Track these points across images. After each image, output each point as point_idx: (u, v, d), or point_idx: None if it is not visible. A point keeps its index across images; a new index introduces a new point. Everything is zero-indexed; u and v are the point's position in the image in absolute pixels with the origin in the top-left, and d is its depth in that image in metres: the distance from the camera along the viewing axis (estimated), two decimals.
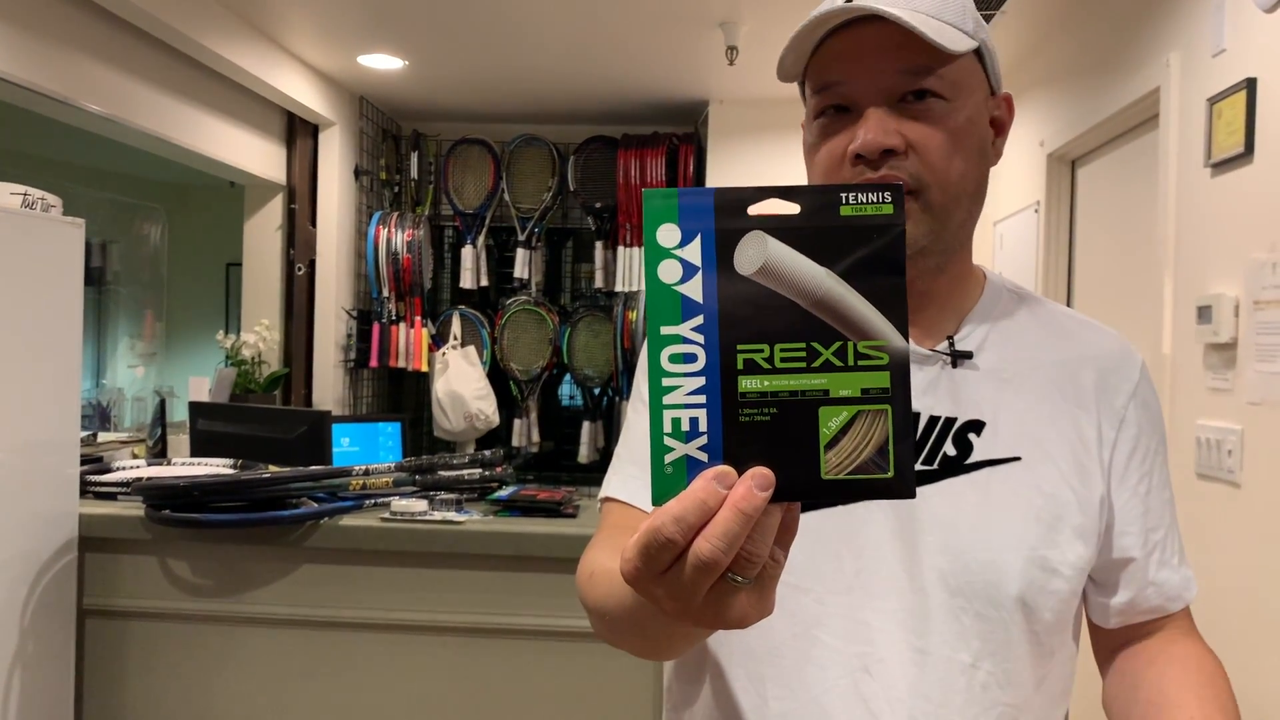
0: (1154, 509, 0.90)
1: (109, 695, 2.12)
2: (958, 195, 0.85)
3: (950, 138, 0.83)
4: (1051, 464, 0.87)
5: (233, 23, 3.47)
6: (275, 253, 4.35)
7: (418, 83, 4.33)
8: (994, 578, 0.84)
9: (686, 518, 0.49)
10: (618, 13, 3.38)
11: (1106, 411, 0.89)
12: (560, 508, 2.14)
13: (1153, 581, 0.90)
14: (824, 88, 0.85)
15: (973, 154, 0.86)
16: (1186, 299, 2.32)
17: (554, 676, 2.04)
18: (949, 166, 0.84)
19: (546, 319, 4.74)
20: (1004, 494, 0.85)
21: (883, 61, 0.82)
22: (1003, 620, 0.84)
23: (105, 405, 4.34)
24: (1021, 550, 0.84)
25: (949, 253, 0.88)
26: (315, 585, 2.07)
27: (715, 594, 0.51)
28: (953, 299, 0.91)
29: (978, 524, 0.84)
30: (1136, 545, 0.89)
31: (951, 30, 0.82)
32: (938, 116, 0.83)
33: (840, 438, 0.51)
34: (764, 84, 4.17)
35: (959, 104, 0.84)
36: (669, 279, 0.52)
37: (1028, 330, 0.92)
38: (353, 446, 3.52)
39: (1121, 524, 0.89)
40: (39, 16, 2.77)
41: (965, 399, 0.88)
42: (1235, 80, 2.12)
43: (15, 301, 1.89)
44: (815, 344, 0.52)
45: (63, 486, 2.04)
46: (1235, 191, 2.15)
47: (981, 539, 0.84)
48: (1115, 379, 0.91)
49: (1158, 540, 0.90)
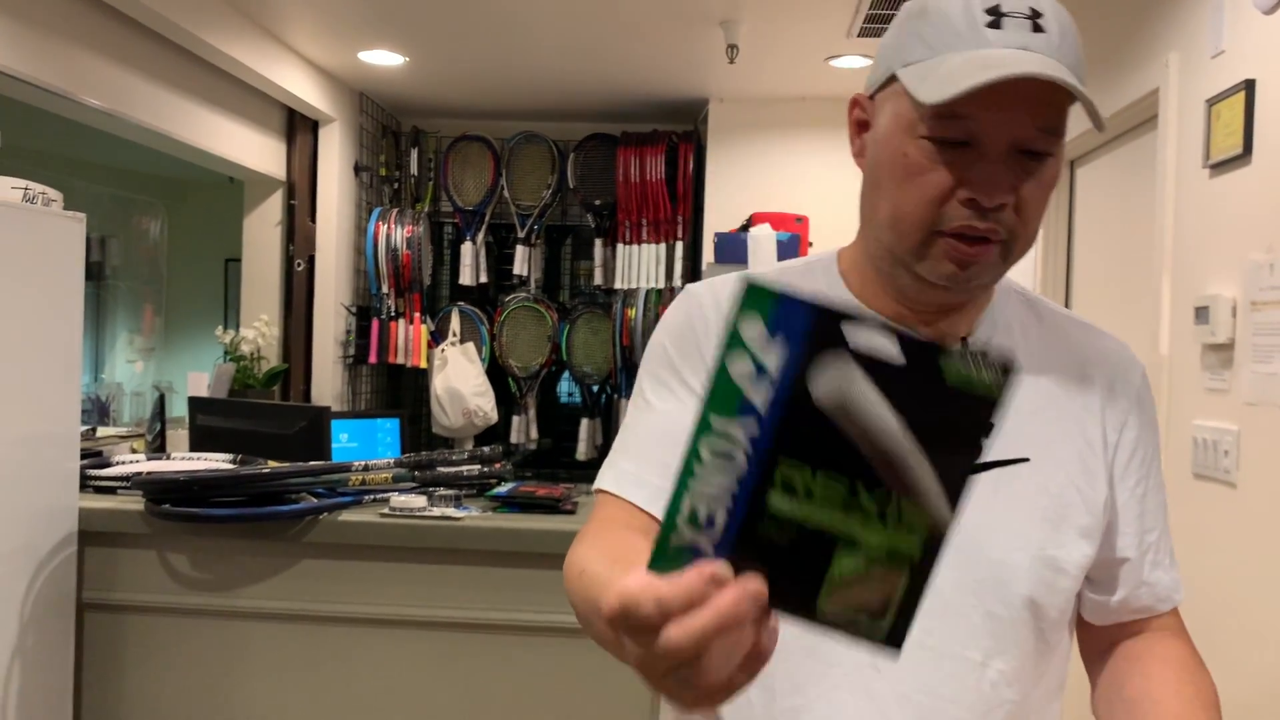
0: (1150, 511, 0.93)
1: (108, 689, 2.12)
2: (1030, 245, 0.87)
3: (1044, 194, 0.85)
4: (1058, 465, 0.89)
5: (233, 18, 3.47)
6: (275, 248, 4.35)
7: (418, 79, 4.33)
8: (1004, 577, 0.86)
9: (669, 604, 0.49)
10: (618, 10, 3.39)
11: (1111, 414, 0.92)
12: (559, 504, 2.15)
13: (1146, 581, 0.92)
14: (951, 116, 0.81)
15: (1046, 198, 0.86)
16: (1184, 299, 2.33)
17: (552, 672, 2.05)
18: (1036, 222, 0.86)
19: (545, 316, 4.75)
20: (1012, 494, 0.87)
21: (1024, 115, 0.80)
22: (1012, 619, 0.86)
23: (104, 400, 4.35)
24: (1029, 550, 0.86)
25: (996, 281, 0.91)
26: (314, 580, 2.07)
27: (673, 675, 0.52)
28: (970, 307, 0.93)
29: (987, 524, 0.85)
30: (1132, 545, 0.92)
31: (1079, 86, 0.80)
32: (1044, 171, 0.83)
33: (848, 584, 0.50)
34: (764, 82, 4.17)
35: (1056, 159, 0.84)
36: (737, 373, 0.49)
37: (1035, 333, 0.94)
38: (351, 442, 3.53)
39: (1120, 524, 0.91)
40: (40, 10, 2.77)
41: None
42: (1234, 81, 2.13)
43: (16, 296, 1.89)
44: (859, 484, 0.50)
45: (63, 480, 2.04)
46: (1233, 192, 2.15)
47: (991, 539, 0.85)
48: (1119, 383, 0.93)
49: (1152, 541, 0.92)
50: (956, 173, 0.82)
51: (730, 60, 3.59)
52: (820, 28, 3.49)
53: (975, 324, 0.93)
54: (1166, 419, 2.40)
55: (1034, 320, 0.95)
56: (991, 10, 0.81)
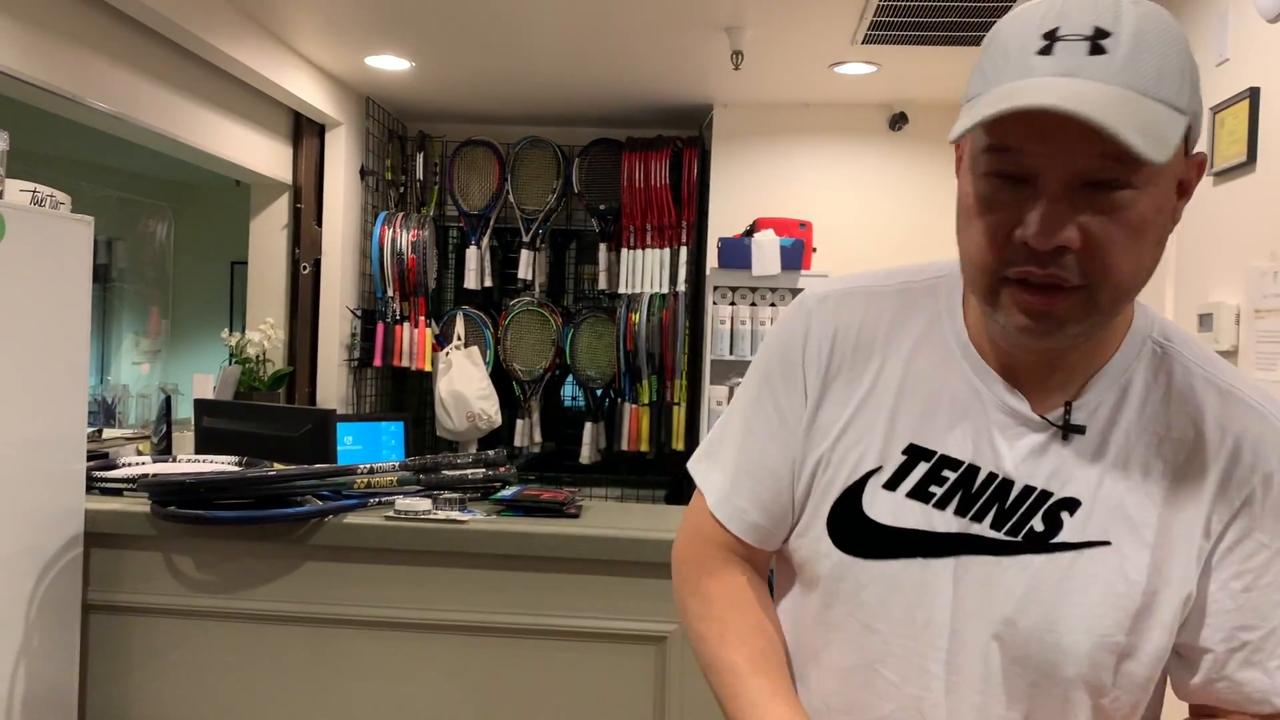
0: (1255, 609, 0.83)
1: (113, 690, 2.13)
2: (1129, 291, 0.78)
3: (1133, 232, 0.75)
4: (1145, 550, 0.82)
5: (241, 23, 3.48)
6: (280, 252, 4.37)
7: (424, 84, 4.35)
8: (1055, 658, 0.83)
9: None
10: (623, 17, 3.40)
11: (1222, 502, 0.82)
12: (563, 508, 2.15)
13: (1230, 678, 0.84)
14: (1002, 149, 0.75)
15: (1153, 244, 0.77)
16: (1188, 307, 2.33)
17: (556, 676, 2.05)
18: (1124, 264, 0.76)
19: (550, 320, 4.75)
20: (1085, 578, 0.83)
21: (1083, 142, 0.71)
22: (1061, 694, 0.84)
23: (110, 402, 4.36)
24: (1092, 636, 0.83)
25: (1101, 329, 0.82)
26: (319, 583, 2.08)
27: None
28: (1084, 359, 0.85)
29: (1050, 604, 0.83)
30: (1217, 639, 0.84)
31: (1165, 112, 0.73)
32: (1123, 207, 0.74)
33: None
34: (768, 88, 4.18)
35: (1149, 190, 0.75)
36: None
37: (1156, 398, 0.84)
38: (356, 445, 3.54)
39: (1204, 613, 0.84)
40: (48, 14, 2.78)
41: (1066, 474, 0.84)
42: (1238, 90, 2.13)
43: (24, 297, 1.90)
44: None
45: (69, 482, 2.05)
46: (1237, 200, 2.16)
47: (1050, 620, 0.83)
48: (1240, 469, 0.82)
49: (1249, 640, 0.83)
50: (1013, 212, 0.75)
51: (735, 66, 3.60)
52: (824, 34, 3.50)
53: (1091, 382, 0.85)
54: None
55: (1160, 380, 0.85)
56: (1049, 34, 0.74)
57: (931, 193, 4.29)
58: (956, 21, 3.25)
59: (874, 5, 3.12)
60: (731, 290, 4.28)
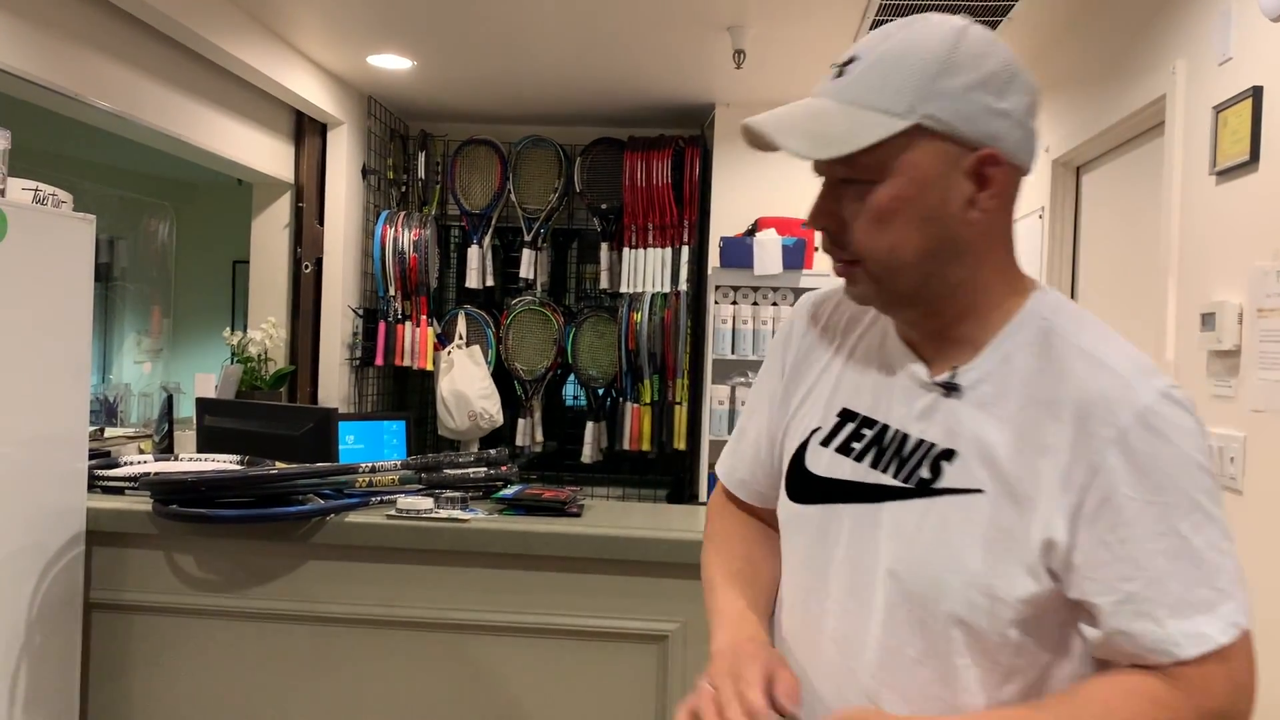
0: (1132, 559, 0.87)
1: (115, 689, 2.13)
2: (894, 265, 0.94)
3: (875, 217, 0.93)
4: (1012, 501, 0.91)
5: (243, 22, 3.48)
6: (282, 251, 4.37)
7: (426, 83, 4.35)
8: (933, 594, 0.93)
9: None
10: (625, 16, 3.40)
11: (1082, 458, 0.89)
12: (564, 506, 2.15)
13: (1124, 631, 0.88)
14: None
15: (911, 224, 0.92)
16: (1190, 306, 2.33)
17: (557, 674, 2.06)
18: (877, 242, 0.94)
19: (551, 319, 4.75)
20: (959, 521, 0.93)
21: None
22: (941, 631, 0.94)
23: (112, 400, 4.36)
24: (962, 574, 0.92)
25: (931, 302, 0.97)
26: (321, 581, 2.08)
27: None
28: (969, 333, 0.98)
29: (929, 544, 0.94)
30: (1100, 592, 0.88)
31: (872, 117, 0.90)
32: (862, 197, 0.93)
33: None
34: (770, 87, 4.18)
35: (891, 182, 0.92)
36: None
37: (1033, 366, 0.94)
38: (357, 444, 3.54)
39: (1085, 569, 0.89)
40: (51, 13, 2.79)
41: (949, 428, 0.96)
42: (1241, 88, 2.13)
43: (26, 296, 1.91)
44: None
45: (71, 480, 2.05)
46: (1240, 199, 2.16)
47: (928, 558, 0.94)
48: (1095, 424, 0.89)
49: (1133, 591, 0.87)
50: None
51: (737, 65, 3.60)
52: (826, 33, 3.50)
53: (980, 353, 0.97)
54: None
55: (1040, 352, 0.94)
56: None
57: None
58: None
59: (876, 4, 3.12)
60: (733, 290, 4.28)
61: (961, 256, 0.95)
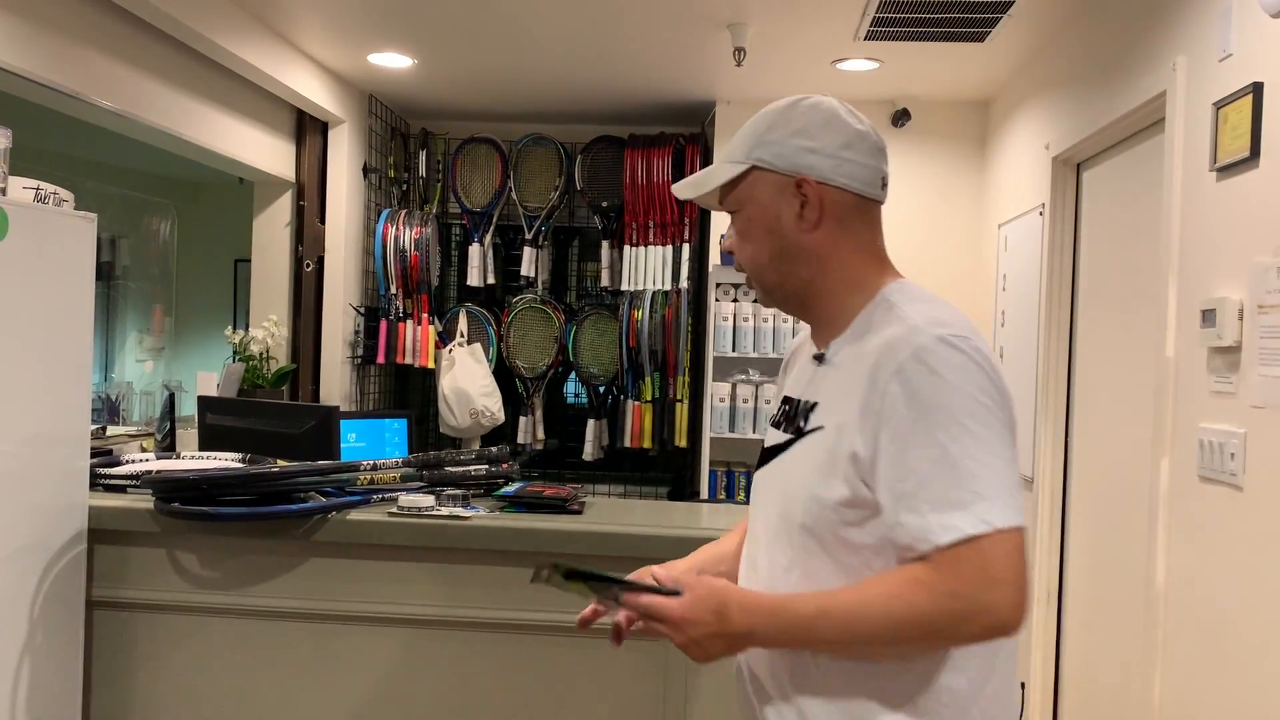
0: (905, 464, 1.11)
1: (116, 686, 2.14)
2: (757, 269, 1.30)
3: (741, 236, 1.30)
4: (838, 432, 1.18)
5: (244, 20, 3.49)
6: (284, 249, 4.37)
7: (427, 81, 4.35)
8: (790, 508, 1.22)
9: None
10: (626, 14, 3.40)
11: (874, 390, 1.14)
12: (566, 504, 2.16)
13: (900, 523, 1.11)
14: None
15: (759, 238, 1.28)
16: (1190, 302, 2.33)
17: (560, 670, 2.06)
18: (744, 253, 1.31)
19: (552, 317, 4.76)
20: (809, 452, 1.22)
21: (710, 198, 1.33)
22: (801, 541, 1.21)
23: (114, 399, 4.37)
24: (807, 488, 1.20)
25: (798, 296, 1.30)
26: (323, 579, 2.09)
27: None
28: (838, 319, 1.27)
29: (792, 471, 1.24)
30: (883, 492, 1.12)
31: (723, 167, 1.29)
32: (737, 224, 1.30)
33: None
34: (771, 85, 4.17)
35: (744, 211, 1.29)
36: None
37: (865, 333, 1.22)
38: (359, 442, 3.54)
39: (878, 476, 1.13)
40: (52, 12, 2.79)
41: (815, 388, 1.27)
42: (1241, 84, 2.13)
43: (28, 295, 1.91)
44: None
45: (73, 478, 2.06)
46: (1240, 195, 2.16)
47: (788, 483, 1.24)
48: (882, 362, 1.15)
49: (905, 490, 1.10)
50: None
51: (737, 63, 3.60)
52: (827, 31, 3.50)
53: (842, 332, 1.26)
54: (1171, 421, 2.40)
55: (875, 321, 1.22)
56: None
57: (934, 188, 4.29)
58: (959, 18, 3.25)
59: (876, 2, 3.12)
60: (734, 287, 4.27)
61: (805, 259, 1.26)
